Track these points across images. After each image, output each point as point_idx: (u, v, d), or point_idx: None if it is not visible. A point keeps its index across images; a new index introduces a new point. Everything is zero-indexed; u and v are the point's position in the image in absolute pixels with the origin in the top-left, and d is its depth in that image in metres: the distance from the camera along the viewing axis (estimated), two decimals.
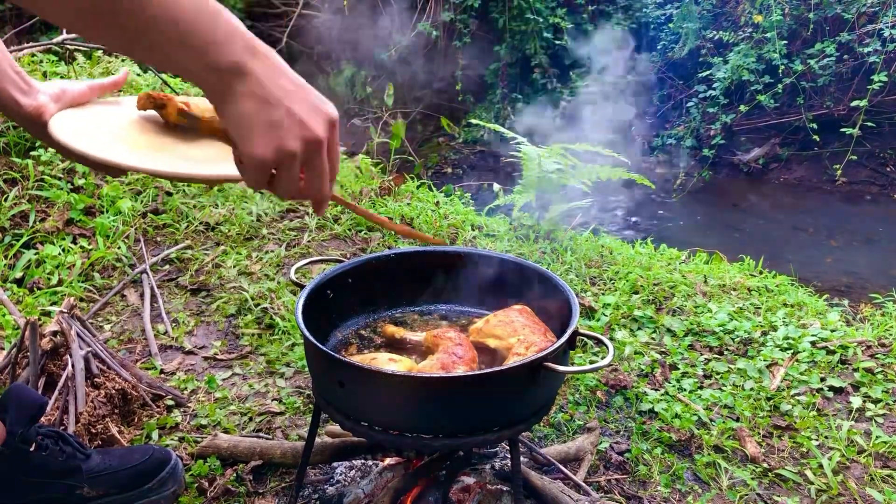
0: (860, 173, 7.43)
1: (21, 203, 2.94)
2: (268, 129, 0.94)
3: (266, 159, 0.96)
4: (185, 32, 0.87)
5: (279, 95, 0.94)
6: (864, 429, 2.20)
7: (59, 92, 1.35)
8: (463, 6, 8.93)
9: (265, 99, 0.93)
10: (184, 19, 0.86)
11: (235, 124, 0.95)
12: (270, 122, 0.94)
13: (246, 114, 0.93)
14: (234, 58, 0.91)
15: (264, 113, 0.93)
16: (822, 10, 7.37)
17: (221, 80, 0.91)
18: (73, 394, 1.92)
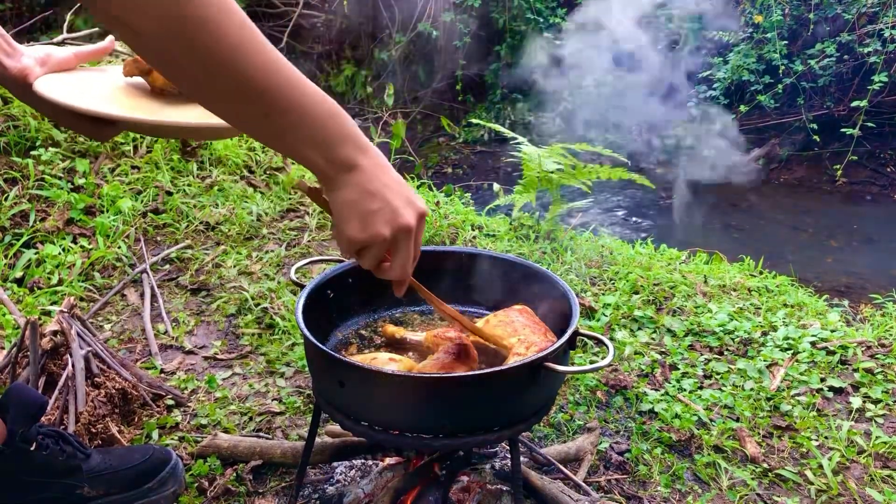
0: (860, 174, 7.44)
1: (21, 202, 2.94)
2: (365, 216, 1.10)
3: (358, 240, 1.12)
4: (316, 133, 1.05)
5: (379, 188, 1.09)
6: (864, 429, 2.20)
7: (45, 56, 1.36)
8: (463, 6, 8.93)
9: (368, 191, 1.09)
10: (317, 125, 1.04)
11: (339, 207, 1.11)
12: (369, 210, 1.10)
13: (349, 201, 1.09)
14: (348, 154, 1.07)
15: (365, 202, 1.09)
16: (823, 11, 7.38)
17: (336, 171, 1.08)
18: (73, 393, 1.92)
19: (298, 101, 1.02)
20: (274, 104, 1.00)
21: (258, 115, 1.02)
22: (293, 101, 1.01)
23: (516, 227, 3.56)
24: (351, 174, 1.08)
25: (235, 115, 1.04)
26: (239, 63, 0.96)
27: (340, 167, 1.08)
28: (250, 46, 0.97)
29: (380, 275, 1.20)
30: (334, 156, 1.07)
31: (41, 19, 7.65)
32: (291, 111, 1.02)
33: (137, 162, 3.41)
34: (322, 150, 1.06)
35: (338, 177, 1.08)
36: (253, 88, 0.98)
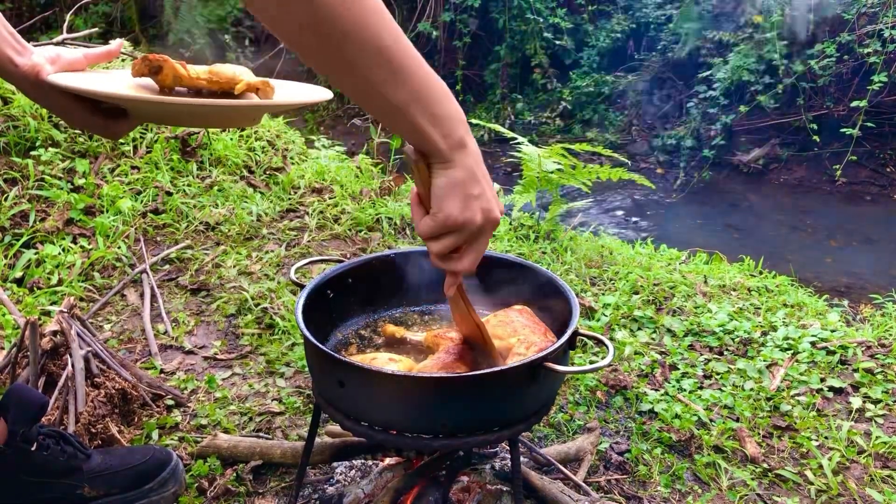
0: (860, 174, 7.44)
1: (21, 203, 2.94)
2: (466, 197, 1.14)
3: (455, 219, 1.15)
4: (437, 108, 1.09)
5: (483, 175, 1.15)
6: (864, 429, 2.20)
7: (55, 56, 1.37)
8: (463, 6, 8.93)
9: (473, 174, 1.14)
10: (438, 98, 1.09)
11: (445, 184, 1.14)
12: (471, 193, 1.14)
13: (458, 179, 1.13)
14: (462, 135, 1.12)
15: (470, 185, 1.14)
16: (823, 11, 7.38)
17: (451, 148, 1.12)
18: (73, 393, 1.92)
19: (423, 74, 1.06)
20: (402, 72, 1.03)
21: (387, 81, 1.03)
22: (419, 73, 1.05)
23: (516, 227, 3.56)
24: (463, 154, 1.13)
25: (365, 81, 1.04)
26: (374, 29, 0.99)
27: (455, 145, 1.12)
28: (385, 17, 1.01)
29: (445, 264, 1.23)
30: (451, 132, 1.10)
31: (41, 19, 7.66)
32: (417, 81, 1.05)
33: (137, 162, 3.41)
34: (441, 126, 1.09)
35: (452, 154, 1.12)
36: (385, 53, 1.01)
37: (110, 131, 1.37)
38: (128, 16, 8.47)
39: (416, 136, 1.11)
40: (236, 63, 6.63)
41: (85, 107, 1.31)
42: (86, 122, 1.36)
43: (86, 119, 1.34)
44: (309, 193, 3.58)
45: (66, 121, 1.42)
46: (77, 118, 1.36)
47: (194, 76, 1.28)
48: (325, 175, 3.73)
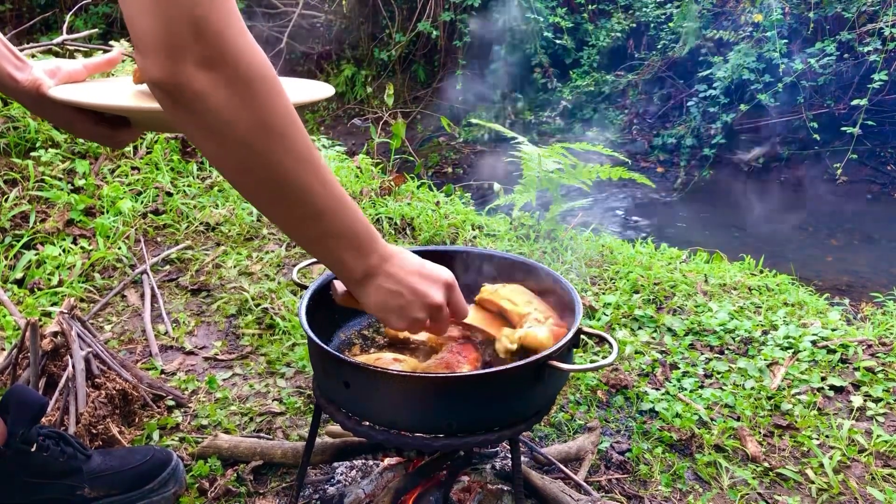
0: (861, 172, 7.43)
1: (21, 204, 2.94)
2: (399, 310, 1.24)
3: (403, 328, 1.29)
4: (353, 239, 1.17)
5: (403, 284, 1.22)
6: (865, 428, 2.20)
7: (55, 68, 1.37)
8: (463, 6, 8.93)
9: (392, 291, 1.22)
10: (355, 231, 1.16)
11: (374, 308, 1.25)
12: (399, 305, 1.24)
13: (381, 301, 1.23)
14: (373, 262, 1.20)
15: (394, 300, 1.23)
16: (823, 9, 7.37)
17: (367, 274, 1.21)
18: (73, 394, 1.92)
19: (343, 215, 1.14)
20: (325, 213, 1.11)
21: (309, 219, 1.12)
22: (339, 214, 1.13)
23: (516, 226, 3.56)
24: (379, 277, 1.21)
25: (291, 218, 1.13)
26: (305, 177, 1.07)
27: (371, 271, 1.21)
28: (314, 164, 1.08)
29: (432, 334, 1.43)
30: (367, 259, 1.19)
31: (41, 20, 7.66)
32: (337, 222, 1.13)
33: (137, 163, 3.41)
34: (356, 255, 1.18)
35: (369, 280, 1.21)
36: (311, 196, 1.09)
37: (115, 140, 1.38)
38: None
39: (334, 266, 1.20)
40: None
41: (88, 118, 1.31)
42: (90, 133, 1.36)
43: (89, 130, 1.34)
44: None
45: (70, 132, 1.43)
46: (80, 129, 1.36)
47: None
48: None
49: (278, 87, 1.01)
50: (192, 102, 0.95)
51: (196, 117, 0.98)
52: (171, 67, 0.93)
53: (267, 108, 1.00)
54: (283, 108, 1.02)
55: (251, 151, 1.01)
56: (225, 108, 0.96)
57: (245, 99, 0.97)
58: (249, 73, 0.97)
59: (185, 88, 0.94)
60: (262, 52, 1.00)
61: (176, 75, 0.93)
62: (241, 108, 0.97)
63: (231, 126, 0.98)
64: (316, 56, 9.68)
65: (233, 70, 0.95)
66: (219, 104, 0.96)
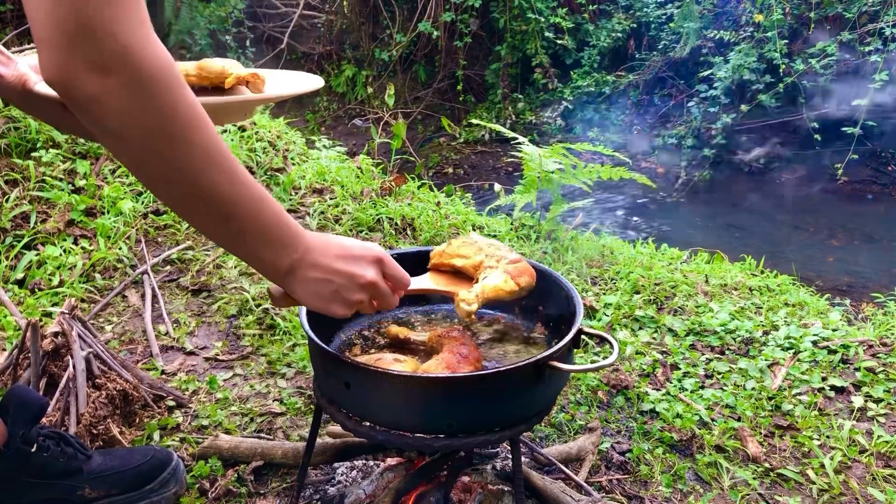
0: (861, 172, 7.43)
1: (22, 204, 2.94)
2: (334, 297, 1.22)
3: (346, 314, 1.26)
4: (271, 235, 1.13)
5: (329, 270, 1.20)
6: (866, 428, 2.20)
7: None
8: (464, 6, 8.93)
9: (321, 279, 1.20)
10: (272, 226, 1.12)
11: (309, 301, 1.22)
12: (333, 291, 1.21)
13: (313, 292, 1.21)
14: (296, 256, 1.17)
15: (325, 288, 1.21)
16: (823, 10, 7.37)
17: (289, 272, 1.18)
18: (74, 395, 1.92)
19: (257, 209, 1.09)
20: (236, 212, 1.07)
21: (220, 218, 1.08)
22: (251, 209, 1.09)
23: (517, 227, 3.56)
24: (304, 269, 1.18)
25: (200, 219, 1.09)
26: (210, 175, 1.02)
27: (295, 265, 1.17)
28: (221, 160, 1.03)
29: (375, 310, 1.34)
30: (288, 254, 1.16)
31: None
32: (248, 221, 1.09)
33: None
34: (276, 251, 1.14)
35: (294, 274, 1.18)
36: (220, 196, 1.04)
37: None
38: None
39: (255, 266, 1.18)
40: None
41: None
42: (77, 129, 1.36)
43: (76, 125, 1.33)
44: (310, 194, 3.58)
45: (57, 128, 1.41)
46: (67, 125, 1.36)
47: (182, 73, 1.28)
48: (325, 175, 3.73)
49: (178, 88, 0.96)
50: (86, 105, 0.91)
51: (93, 119, 0.93)
52: (63, 69, 0.88)
53: (165, 111, 0.95)
54: (185, 108, 0.97)
55: (152, 154, 0.98)
56: (120, 112, 0.92)
57: (141, 103, 0.93)
58: (145, 75, 0.92)
59: (79, 91, 0.90)
60: (162, 48, 0.95)
61: (68, 77, 0.89)
62: (137, 113, 0.93)
63: (128, 129, 0.94)
64: (317, 56, 9.68)
65: (127, 74, 0.90)
66: (113, 108, 0.92)
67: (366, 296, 1.25)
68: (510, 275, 1.41)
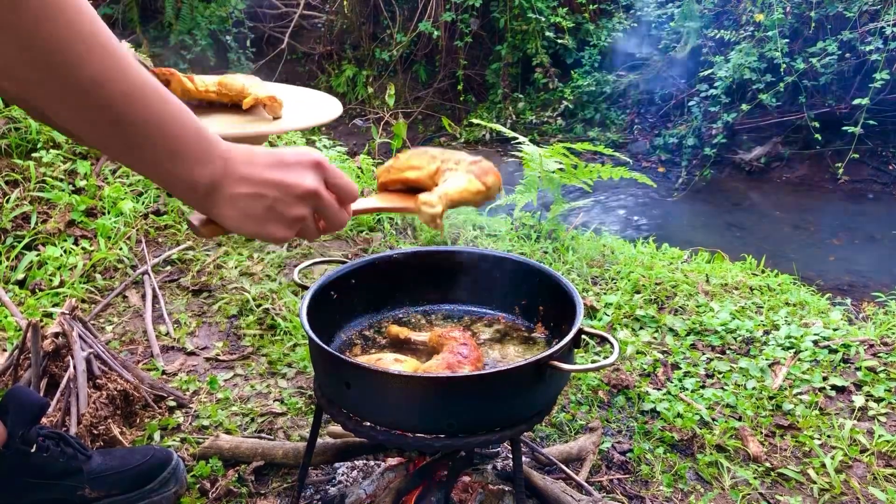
0: (862, 172, 7.43)
1: (22, 205, 2.94)
2: (269, 215, 1.02)
3: (287, 235, 1.05)
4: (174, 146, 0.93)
5: (262, 182, 1.00)
6: (867, 428, 2.20)
7: None
8: (464, 6, 8.93)
9: (252, 194, 1.00)
10: (173, 134, 0.92)
11: (239, 224, 1.02)
12: (267, 208, 1.01)
13: (243, 212, 1.00)
14: (216, 169, 0.97)
15: (258, 204, 1.00)
16: (824, 9, 7.36)
17: (211, 189, 0.98)
18: (74, 395, 1.92)
19: (159, 113, 0.91)
20: (128, 116, 0.88)
21: (106, 121, 0.88)
22: (152, 112, 0.90)
23: (518, 226, 3.56)
24: (229, 184, 0.99)
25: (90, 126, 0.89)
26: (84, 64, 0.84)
27: (217, 180, 0.98)
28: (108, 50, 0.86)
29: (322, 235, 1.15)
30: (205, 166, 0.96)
31: None
32: (152, 123, 0.90)
33: None
34: (189, 164, 0.95)
35: (217, 191, 0.99)
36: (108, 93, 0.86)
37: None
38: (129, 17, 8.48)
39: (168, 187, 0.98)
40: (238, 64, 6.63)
41: None
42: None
43: None
44: None
45: None
46: None
47: (202, 89, 1.26)
48: None
49: None
50: None
51: None
52: None
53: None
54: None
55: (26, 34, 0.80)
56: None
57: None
58: None
59: None
60: None
61: None
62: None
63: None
64: (317, 56, 9.68)
65: None
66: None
67: (307, 209, 1.05)
68: (475, 174, 1.26)
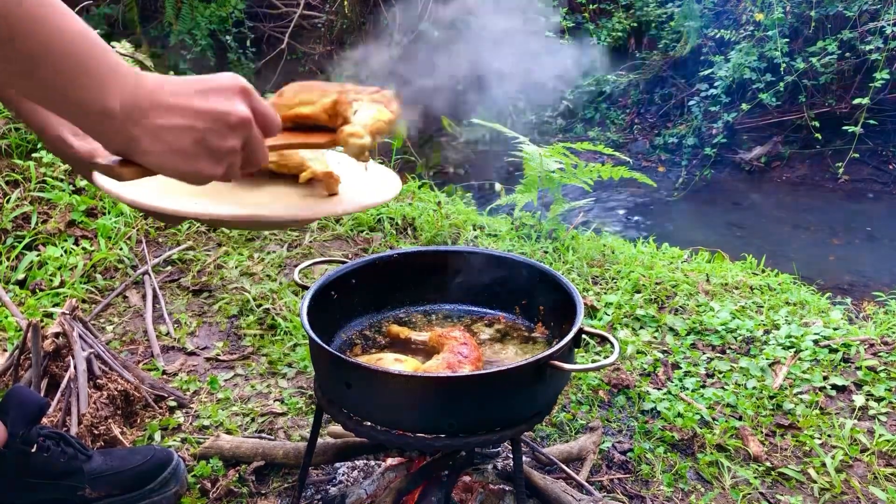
0: (862, 171, 7.42)
1: (23, 205, 2.94)
2: (198, 148, 0.90)
3: (216, 173, 0.93)
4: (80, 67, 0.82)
5: (189, 112, 0.89)
6: (867, 427, 2.20)
7: None
8: None
9: (178, 126, 0.88)
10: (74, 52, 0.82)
11: (163, 159, 0.89)
12: (196, 140, 0.89)
13: (168, 146, 0.88)
14: (130, 97, 0.86)
15: (185, 137, 0.88)
16: (824, 8, 7.36)
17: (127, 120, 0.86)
18: (75, 395, 1.92)
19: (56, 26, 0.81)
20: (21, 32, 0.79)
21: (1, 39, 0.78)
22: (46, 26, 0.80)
23: (518, 226, 3.56)
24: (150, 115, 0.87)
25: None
26: None
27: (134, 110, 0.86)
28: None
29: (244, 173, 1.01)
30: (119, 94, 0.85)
31: None
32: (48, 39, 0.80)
33: None
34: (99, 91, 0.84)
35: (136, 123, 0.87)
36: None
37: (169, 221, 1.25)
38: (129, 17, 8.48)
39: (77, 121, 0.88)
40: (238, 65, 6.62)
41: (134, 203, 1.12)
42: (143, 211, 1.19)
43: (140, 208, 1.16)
44: None
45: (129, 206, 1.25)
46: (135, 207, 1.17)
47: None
48: None
49: None
50: None
51: None
52: None
53: None
54: None
55: None
56: None
57: None
58: None
59: None
60: None
61: None
62: None
63: None
64: (317, 56, 9.68)
65: None
66: None
67: (238, 141, 0.93)
68: (382, 103, 1.18)
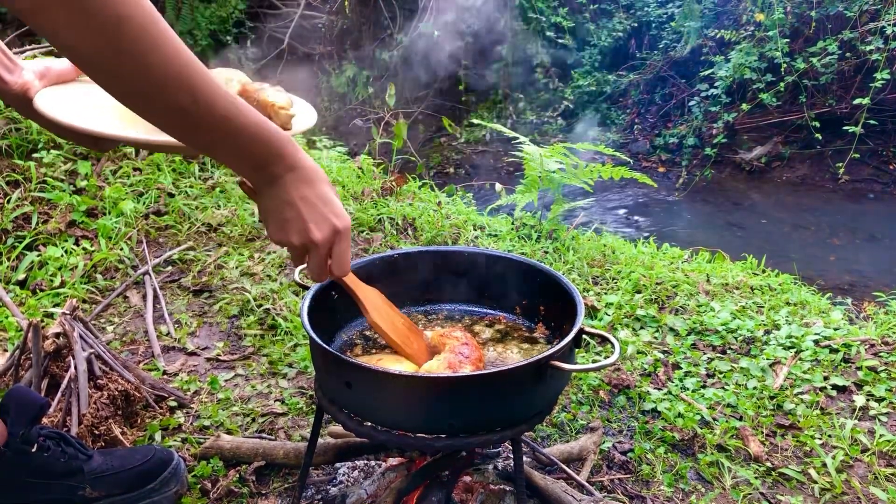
0: (863, 171, 7.43)
1: (23, 205, 2.94)
2: (280, 223, 1.21)
3: (275, 239, 1.24)
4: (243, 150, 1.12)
5: (296, 201, 1.18)
6: (868, 427, 2.20)
7: (44, 69, 1.36)
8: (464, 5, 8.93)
9: (285, 202, 1.18)
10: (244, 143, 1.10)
11: (262, 210, 1.23)
12: (283, 219, 1.20)
13: (269, 208, 1.20)
14: (274, 171, 1.16)
15: (280, 211, 1.20)
16: (825, 8, 7.36)
17: (261, 183, 1.19)
18: (75, 395, 1.92)
19: (227, 117, 1.06)
20: (204, 119, 1.04)
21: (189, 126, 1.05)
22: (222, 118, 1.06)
23: (518, 226, 3.56)
24: (273, 187, 1.18)
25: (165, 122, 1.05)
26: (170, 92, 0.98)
27: (265, 180, 1.18)
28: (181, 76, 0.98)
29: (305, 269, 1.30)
30: (260, 171, 1.16)
31: None
32: (219, 128, 1.06)
33: (139, 164, 3.41)
34: (249, 165, 1.15)
35: (262, 187, 1.19)
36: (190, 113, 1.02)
37: (98, 147, 1.38)
38: None
39: (231, 167, 1.17)
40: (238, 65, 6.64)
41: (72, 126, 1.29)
42: (73, 138, 1.35)
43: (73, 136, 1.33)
44: None
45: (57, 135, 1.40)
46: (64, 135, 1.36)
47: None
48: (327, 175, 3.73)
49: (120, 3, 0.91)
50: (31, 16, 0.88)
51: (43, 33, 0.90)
52: None
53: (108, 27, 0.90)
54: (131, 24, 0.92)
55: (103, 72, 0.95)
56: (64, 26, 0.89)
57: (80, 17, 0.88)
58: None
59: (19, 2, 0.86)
60: None
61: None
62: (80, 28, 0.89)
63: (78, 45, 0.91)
64: (317, 57, 9.68)
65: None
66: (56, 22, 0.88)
67: (301, 245, 1.22)
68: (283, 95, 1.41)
